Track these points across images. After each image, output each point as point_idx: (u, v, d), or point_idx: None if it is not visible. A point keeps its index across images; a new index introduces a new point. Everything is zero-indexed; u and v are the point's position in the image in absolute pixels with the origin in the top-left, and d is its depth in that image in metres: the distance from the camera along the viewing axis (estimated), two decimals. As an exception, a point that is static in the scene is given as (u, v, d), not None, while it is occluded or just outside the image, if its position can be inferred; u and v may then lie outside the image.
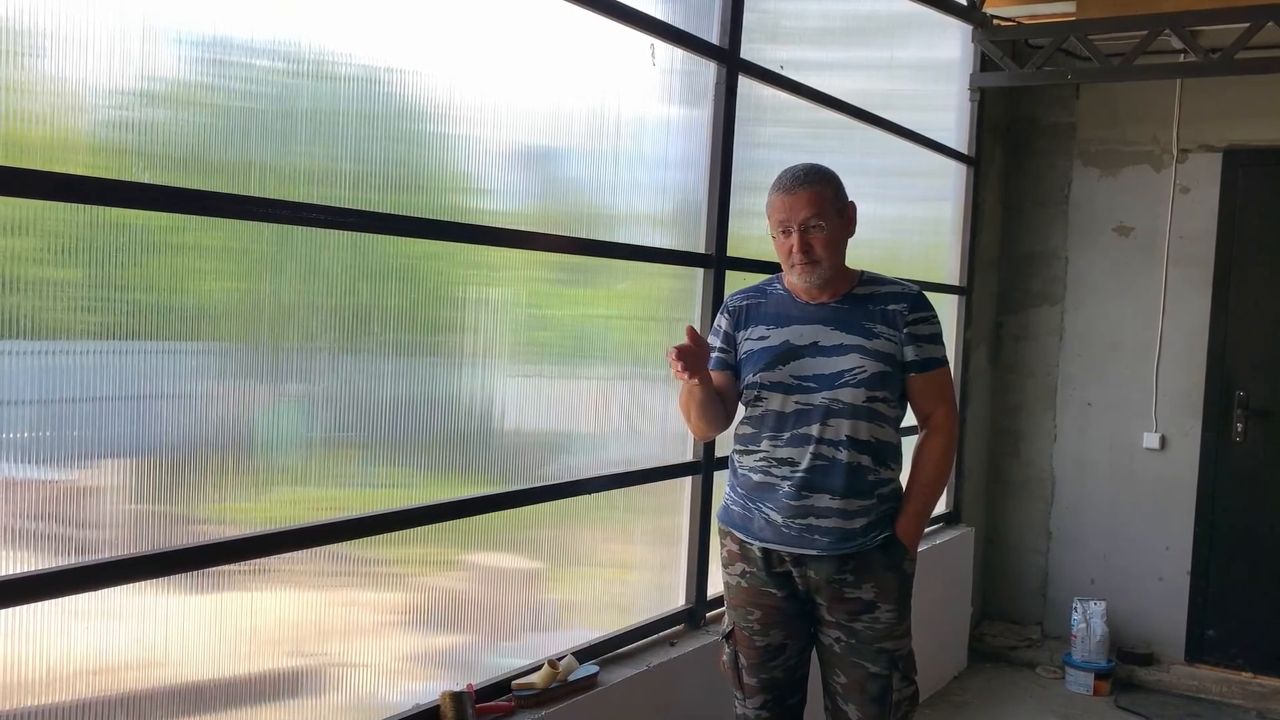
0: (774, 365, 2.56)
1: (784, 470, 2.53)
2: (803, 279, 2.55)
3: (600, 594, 2.99)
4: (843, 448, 2.51)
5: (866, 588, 2.54)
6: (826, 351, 2.54)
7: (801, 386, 2.54)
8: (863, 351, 2.53)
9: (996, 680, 4.86)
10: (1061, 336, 5.27)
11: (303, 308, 2.09)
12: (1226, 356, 4.89)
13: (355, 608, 2.26)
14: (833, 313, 2.57)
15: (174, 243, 1.88)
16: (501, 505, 2.54)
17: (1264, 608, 4.80)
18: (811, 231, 2.49)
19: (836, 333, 2.55)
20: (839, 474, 2.51)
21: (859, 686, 2.57)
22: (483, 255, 2.51)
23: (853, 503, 2.51)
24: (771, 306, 2.63)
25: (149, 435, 1.85)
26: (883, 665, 2.56)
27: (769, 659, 2.61)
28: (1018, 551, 5.36)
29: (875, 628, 2.55)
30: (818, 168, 2.56)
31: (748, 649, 2.62)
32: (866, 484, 2.53)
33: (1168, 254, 5.00)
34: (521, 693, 2.49)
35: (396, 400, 2.29)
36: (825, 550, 2.51)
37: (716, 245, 3.21)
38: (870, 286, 2.62)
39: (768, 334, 2.60)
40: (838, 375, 2.52)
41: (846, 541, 2.51)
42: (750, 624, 2.61)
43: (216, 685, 1.97)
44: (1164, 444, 5.01)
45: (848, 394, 2.51)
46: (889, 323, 2.56)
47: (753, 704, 2.65)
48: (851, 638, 2.56)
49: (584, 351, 2.88)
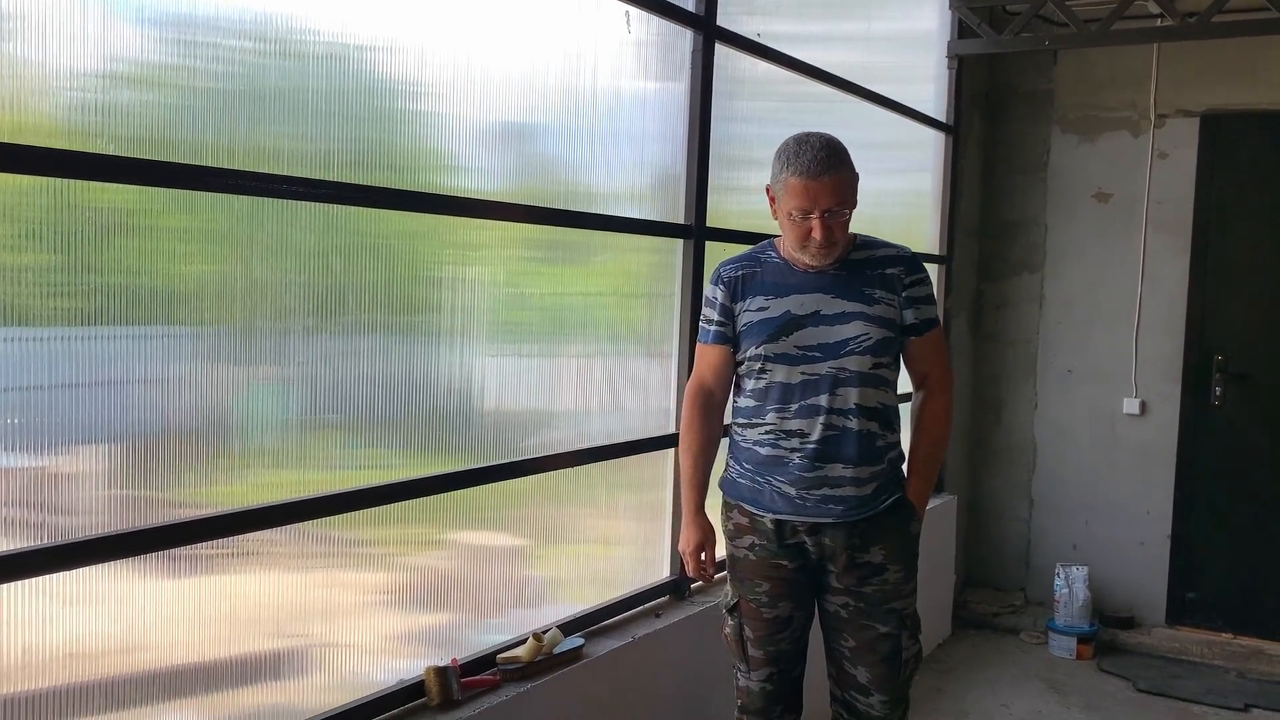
0: (777, 337, 2.54)
1: (794, 442, 2.53)
2: (818, 260, 2.52)
3: (584, 569, 3.00)
4: (852, 416, 2.51)
5: (875, 550, 2.56)
6: (829, 320, 2.53)
7: (807, 357, 2.52)
8: (865, 318, 2.52)
9: (980, 646, 4.91)
10: (1042, 304, 5.29)
11: (278, 289, 2.07)
12: (1205, 321, 4.92)
13: (338, 588, 2.26)
14: (832, 280, 2.55)
15: (145, 225, 1.85)
16: (482, 480, 2.53)
17: (1243, 569, 4.86)
18: (834, 217, 2.45)
19: (838, 300, 2.53)
20: (851, 442, 2.51)
21: (869, 648, 2.59)
22: (460, 234, 2.50)
23: (865, 470, 2.52)
24: (769, 276, 2.60)
25: (124, 420, 1.83)
26: (892, 625, 2.59)
27: (777, 631, 2.62)
28: (1000, 519, 5.40)
29: (884, 589, 2.57)
30: (836, 146, 2.47)
31: (755, 621, 2.63)
32: (876, 450, 2.54)
33: (1146, 219, 5.02)
34: (507, 666, 2.50)
35: (375, 381, 2.27)
36: (841, 518, 2.52)
37: (696, 216, 3.20)
38: (865, 251, 2.60)
39: (767, 304, 2.57)
40: (843, 344, 2.51)
41: (860, 508, 2.53)
42: (759, 596, 2.61)
43: (198, 668, 1.97)
44: (1144, 409, 5.05)
45: (854, 362, 2.51)
46: (887, 287, 2.56)
47: (758, 676, 2.65)
48: (860, 601, 2.58)
49: (564, 329, 2.87)
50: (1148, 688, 4.42)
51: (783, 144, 2.51)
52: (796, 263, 2.57)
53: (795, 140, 2.48)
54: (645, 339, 3.15)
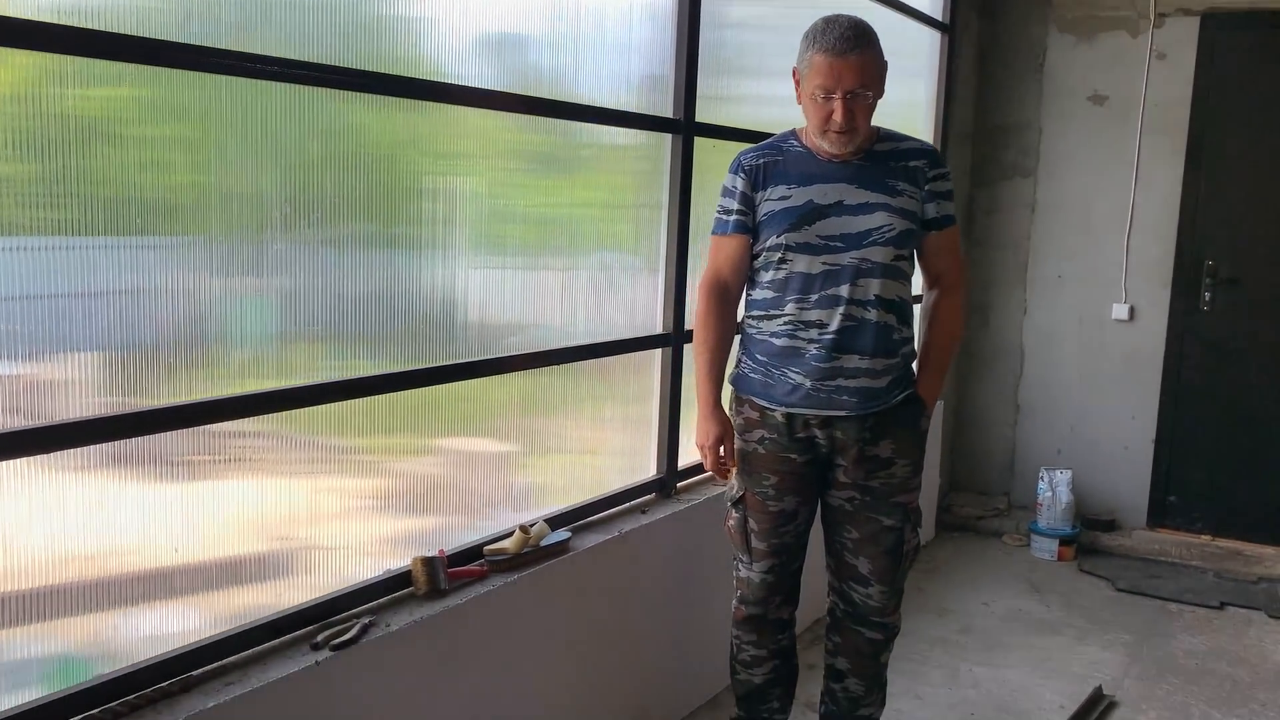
0: (799, 226, 2.50)
1: (812, 333, 2.51)
2: (837, 147, 2.49)
3: (571, 476, 2.99)
4: (872, 307, 2.50)
5: (884, 445, 2.57)
6: (852, 210, 2.50)
7: (829, 247, 2.50)
8: (889, 209, 2.49)
9: (963, 549, 4.98)
10: (1034, 209, 5.24)
11: (264, 199, 2.02)
12: (1197, 225, 4.89)
13: (325, 494, 2.24)
14: (856, 170, 2.52)
15: (126, 134, 1.79)
16: (465, 375, 2.50)
17: (1225, 472, 4.91)
18: (857, 100, 2.41)
19: (861, 191, 2.50)
20: (868, 334, 2.50)
21: (872, 540, 2.62)
22: (450, 144, 2.44)
23: (880, 362, 2.52)
24: (791, 165, 2.55)
25: (105, 331, 1.79)
26: (897, 518, 2.61)
27: (781, 524, 2.64)
28: (986, 425, 5.43)
29: (891, 483, 2.59)
30: (865, 28, 2.43)
31: (760, 514, 2.64)
32: (892, 343, 2.54)
33: (1142, 123, 4.94)
34: (494, 558, 2.51)
35: (359, 293, 2.23)
36: (853, 410, 2.52)
37: (685, 111, 3.13)
38: (889, 143, 2.57)
39: (790, 193, 2.53)
40: (866, 234, 2.49)
41: (873, 401, 2.53)
42: (765, 489, 2.62)
43: (185, 570, 1.96)
44: (1133, 315, 5.04)
45: (877, 253, 2.49)
46: (910, 179, 2.53)
47: (759, 568, 2.67)
48: (866, 495, 2.60)
49: (550, 241, 2.81)
50: (1126, 587, 4.49)
51: (811, 24, 2.46)
52: (820, 152, 2.53)
53: (824, 19, 2.44)
54: (633, 250, 3.11)
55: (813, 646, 3.75)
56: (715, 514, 3.24)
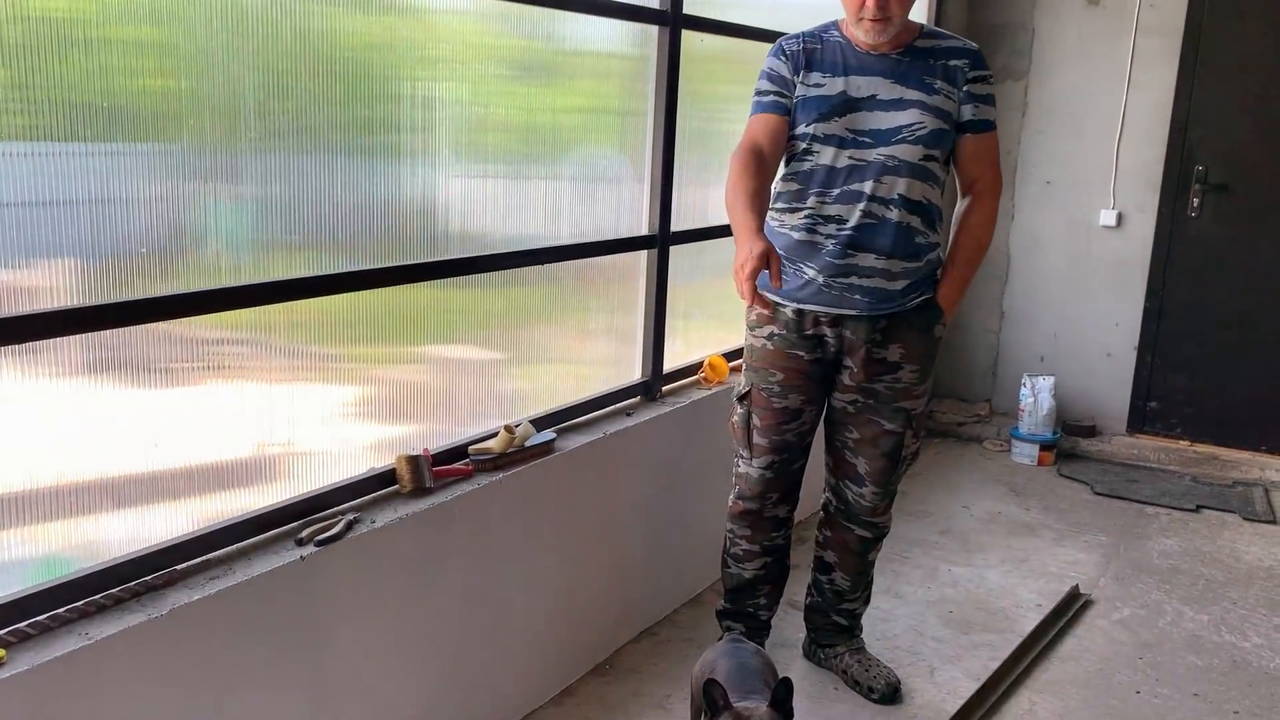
0: (829, 117, 2.46)
1: (830, 228, 2.48)
2: (870, 36, 2.43)
3: (557, 383, 2.97)
4: (894, 206, 2.46)
5: (893, 349, 2.56)
6: (885, 105, 2.45)
7: (857, 141, 2.45)
8: (923, 107, 2.44)
9: (944, 454, 5.02)
10: (1024, 113, 5.16)
11: (241, 105, 1.95)
12: (1188, 130, 4.83)
13: (310, 401, 2.22)
14: (893, 65, 2.47)
15: (97, 37, 1.71)
16: (446, 272, 2.46)
17: (1205, 378, 4.94)
18: None
19: (896, 86, 2.45)
20: (887, 233, 2.47)
21: (872, 441, 2.64)
22: (429, 49, 2.36)
23: (897, 263, 2.49)
24: (829, 54, 2.51)
25: (82, 239, 1.74)
26: (899, 423, 2.62)
27: (785, 421, 2.64)
28: (970, 331, 5.43)
29: (895, 388, 2.59)
30: None
31: (764, 410, 2.64)
32: (914, 245, 2.50)
33: (1138, 23, 4.84)
34: (479, 457, 2.50)
35: (341, 200, 2.17)
36: (863, 310, 2.50)
37: (672, 2, 3.03)
38: (932, 40, 2.51)
39: (824, 81, 2.48)
40: (895, 131, 2.44)
41: (886, 303, 2.51)
42: (770, 385, 2.61)
43: (169, 474, 1.95)
44: (1120, 221, 5.01)
45: (905, 150, 2.44)
46: (949, 79, 2.47)
47: (759, 464, 2.68)
48: (870, 398, 2.60)
49: (533, 150, 2.74)
50: (1104, 490, 4.55)
51: None
52: (858, 44, 2.48)
53: None
54: (618, 157, 3.04)
55: (798, 547, 3.79)
56: (700, 417, 3.24)
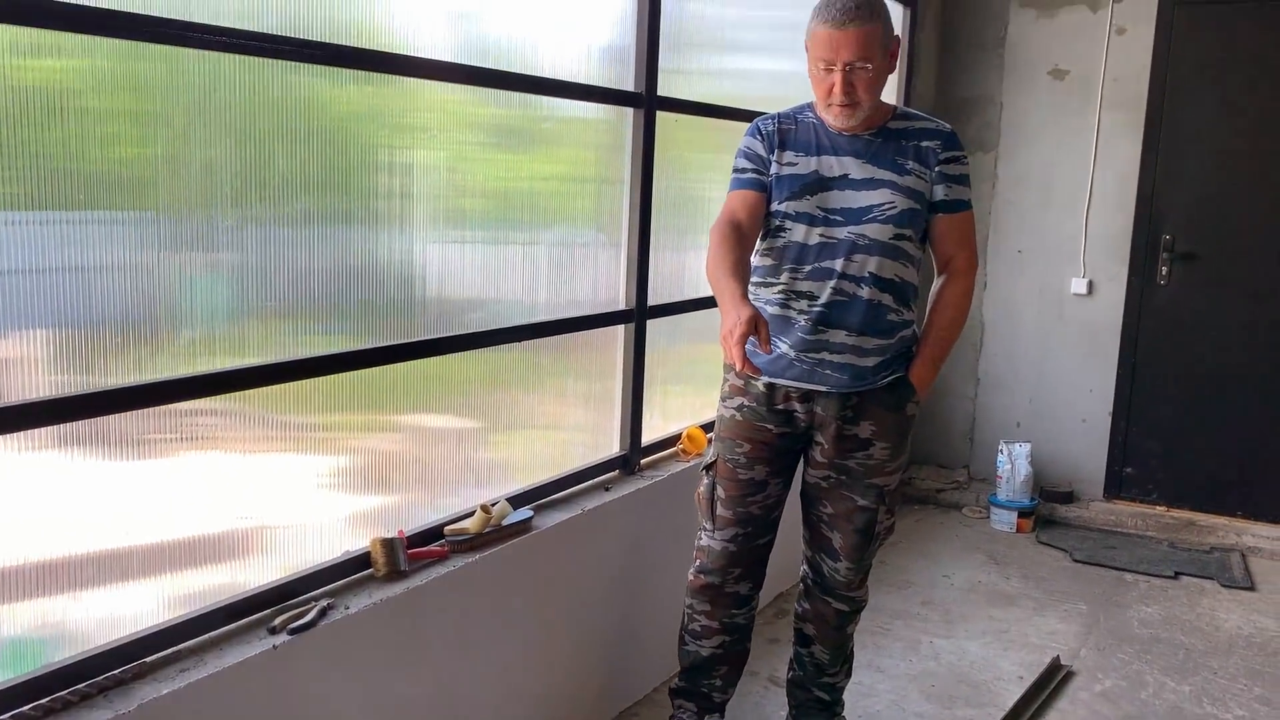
0: (801, 195, 2.50)
1: (802, 304, 2.50)
2: (840, 120, 2.47)
3: (534, 452, 2.96)
4: (865, 284, 2.48)
5: (864, 425, 2.56)
6: (856, 185, 2.48)
7: (828, 219, 2.48)
8: (894, 187, 2.47)
9: (925, 521, 5.02)
10: (994, 184, 5.26)
11: (215, 173, 1.96)
12: (1155, 200, 4.93)
13: (285, 472, 2.21)
14: (865, 145, 2.50)
15: (74, 106, 1.73)
16: (424, 352, 2.46)
17: (1180, 443, 4.98)
18: (857, 73, 2.38)
19: (868, 166, 2.49)
20: (858, 311, 2.48)
21: (845, 517, 2.64)
22: (407, 117, 2.39)
23: (868, 340, 2.50)
24: (802, 134, 2.55)
25: (57, 308, 1.74)
26: (871, 499, 2.62)
27: (749, 493, 2.62)
28: (947, 398, 5.47)
29: (868, 464, 2.59)
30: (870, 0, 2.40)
31: (729, 481, 2.63)
32: (886, 323, 2.51)
33: (1102, 98, 4.97)
34: (455, 538, 2.48)
35: (319, 268, 2.18)
36: (834, 387, 2.51)
37: (647, 85, 3.09)
38: (905, 121, 2.55)
39: (797, 161, 2.52)
40: (866, 210, 2.47)
41: (857, 380, 2.52)
42: (737, 456, 2.61)
43: (140, 551, 1.92)
44: (1091, 289, 5.09)
45: (875, 229, 2.47)
46: (921, 160, 2.51)
47: (722, 535, 2.65)
48: (843, 474, 2.60)
49: (511, 216, 2.77)
50: (1083, 558, 4.56)
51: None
52: (832, 125, 2.52)
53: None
54: (595, 225, 3.07)
55: (779, 620, 3.77)
56: (679, 490, 3.24)
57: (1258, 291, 4.79)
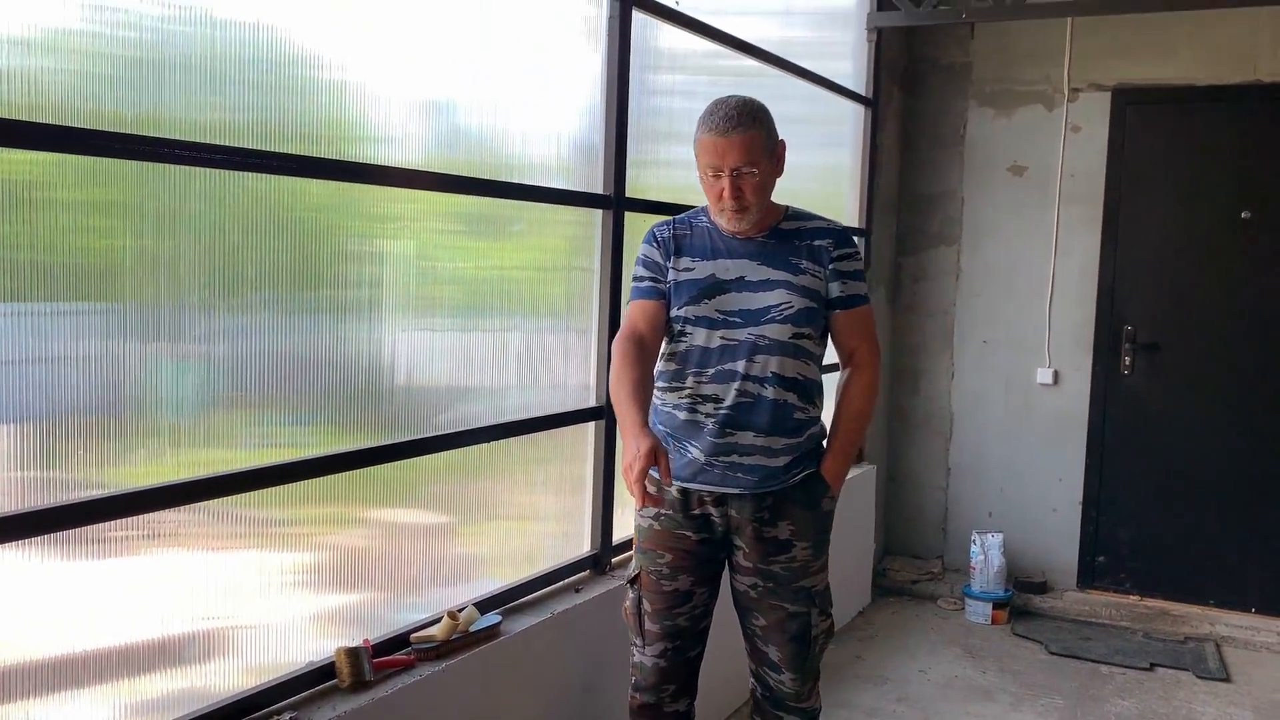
0: (699, 299, 2.52)
1: (709, 407, 2.51)
2: (732, 224, 2.52)
3: (504, 546, 2.95)
4: (769, 384, 2.49)
5: (783, 525, 2.54)
6: (753, 287, 2.51)
7: (727, 321, 2.51)
8: (789, 287, 2.51)
9: (900, 613, 4.99)
10: (959, 276, 5.36)
11: (190, 264, 1.98)
12: (1115, 292, 5.03)
13: (249, 569, 2.18)
14: (759, 247, 2.54)
15: (41, 198, 1.74)
16: (395, 456, 2.46)
17: (1150, 533, 5.01)
18: (744, 177, 2.43)
19: (763, 268, 2.52)
20: (764, 411, 2.49)
21: (779, 627, 2.58)
22: (378, 207, 2.42)
23: (777, 440, 2.50)
24: (699, 239, 2.59)
25: (20, 400, 1.73)
26: (801, 603, 2.57)
27: (675, 605, 2.59)
28: (919, 488, 5.48)
29: (792, 566, 2.55)
30: (751, 106, 2.45)
31: (654, 594, 2.59)
32: (793, 421, 2.52)
33: (1060, 192, 5.10)
34: (421, 645, 2.45)
35: (291, 357, 2.19)
36: (747, 489, 2.50)
37: (615, 186, 3.15)
38: (796, 222, 2.59)
39: (694, 266, 2.55)
40: (764, 311, 2.50)
41: (769, 479, 2.51)
42: (659, 568, 2.58)
43: (100, 655, 1.88)
44: (1057, 379, 5.15)
45: (774, 330, 2.49)
46: (814, 259, 2.54)
47: (652, 651, 2.61)
48: (769, 580, 2.56)
49: (482, 304, 2.80)
50: (1059, 650, 4.53)
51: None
52: (725, 229, 2.56)
53: (715, 100, 2.48)
54: (565, 313, 3.10)
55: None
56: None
57: (1218, 381, 4.87)
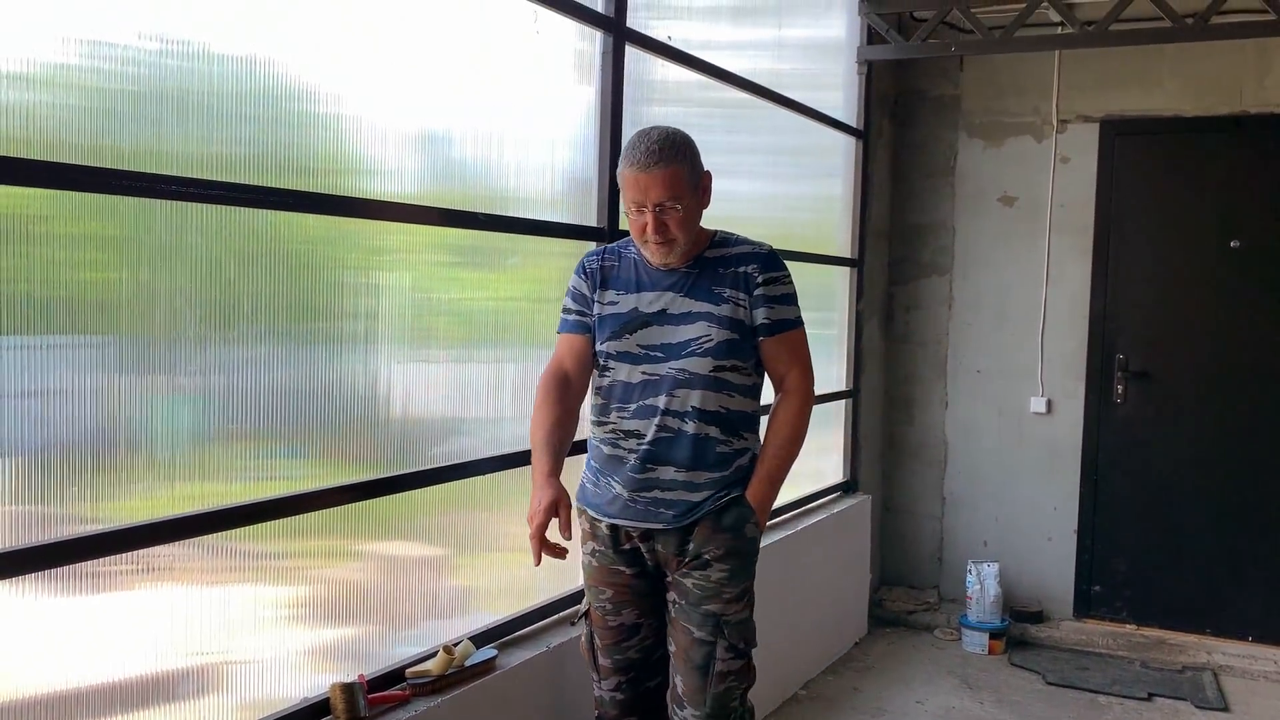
0: (621, 334, 2.48)
1: (631, 443, 2.46)
2: (656, 257, 2.47)
3: (499, 578, 2.94)
4: (689, 419, 2.43)
5: (706, 545, 2.45)
6: (674, 320, 2.46)
7: (649, 356, 2.46)
8: (710, 319, 2.45)
9: (896, 644, 4.97)
10: (951, 306, 5.38)
11: (186, 298, 1.99)
12: (1107, 321, 5.06)
13: (244, 604, 2.17)
14: (682, 279, 2.49)
15: (36, 232, 1.75)
16: (390, 490, 2.47)
17: (1145, 561, 5.00)
18: (668, 212, 2.39)
19: (685, 300, 2.47)
20: (685, 446, 2.43)
21: (684, 653, 2.47)
22: (374, 239, 2.44)
23: (699, 475, 2.44)
24: (625, 271, 2.54)
25: (14, 434, 1.74)
26: (708, 630, 2.44)
27: (623, 639, 2.55)
28: (914, 517, 5.48)
29: (704, 585, 2.44)
30: (672, 139, 2.40)
31: (602, 629, 2.56)
32: (716, 455, 2.46)
33: (1050, 222, 5.14)
34: (416, 680, 2.43)
35: (287, 390, 2.20)
36: (669, 524, 2.44)
37: (609, 218, 3.17)
38: (721, 249, 2.53)
39: (618, 299, 2.52)
40: (685, 345, 2.44)
41: (691, 513, 2.44)
42: (603, 604, 2.54)
43: (95, 691, 1.87)
44: (1050, 407, 5.17)
45: (694, 363, 2.43)
46: (738, 286, 2.47)
47: (607, 685, 2.57)
48: (683, 597, 2.47)
49: (476, 335, 2.81)
50: (1056, 680, 4.51)
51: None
52: (650, 261, 2.51)
53: (637, 133, 2.44)
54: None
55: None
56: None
57: (1209, 409, 4.89)
